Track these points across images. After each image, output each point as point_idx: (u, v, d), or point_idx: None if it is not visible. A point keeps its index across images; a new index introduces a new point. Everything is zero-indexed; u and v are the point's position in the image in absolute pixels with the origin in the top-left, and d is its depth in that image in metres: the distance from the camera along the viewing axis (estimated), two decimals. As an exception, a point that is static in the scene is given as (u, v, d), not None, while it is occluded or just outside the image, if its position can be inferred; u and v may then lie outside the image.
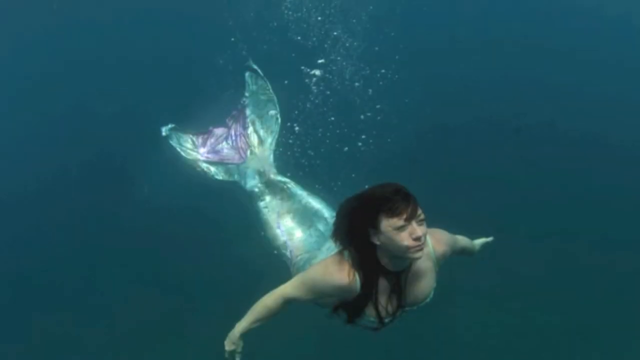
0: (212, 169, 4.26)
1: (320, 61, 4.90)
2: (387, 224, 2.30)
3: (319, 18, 5.19)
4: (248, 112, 4.37)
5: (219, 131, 4.36)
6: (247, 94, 4.43)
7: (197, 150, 4.30)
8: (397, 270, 2.49)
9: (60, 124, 6.40)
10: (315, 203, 3.79)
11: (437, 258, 2.66)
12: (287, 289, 2.68)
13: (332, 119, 4.75)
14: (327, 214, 3.67)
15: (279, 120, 4.32)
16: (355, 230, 2.41)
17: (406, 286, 2.56)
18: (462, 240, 2.99)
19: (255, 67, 4.42)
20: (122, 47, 6.75)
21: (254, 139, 4.27)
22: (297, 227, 3.69)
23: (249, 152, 4.23)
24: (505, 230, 4.09)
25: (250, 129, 4.30)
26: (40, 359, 4.64)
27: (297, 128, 4.55)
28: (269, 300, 2.69)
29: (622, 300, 4.58)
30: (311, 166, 4.48)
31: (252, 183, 4.02)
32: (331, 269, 2.51)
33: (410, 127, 5.19)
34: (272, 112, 4.33)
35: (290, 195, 3.87)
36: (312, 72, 4.82)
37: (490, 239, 3.23)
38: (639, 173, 5.42)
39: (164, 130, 4.32)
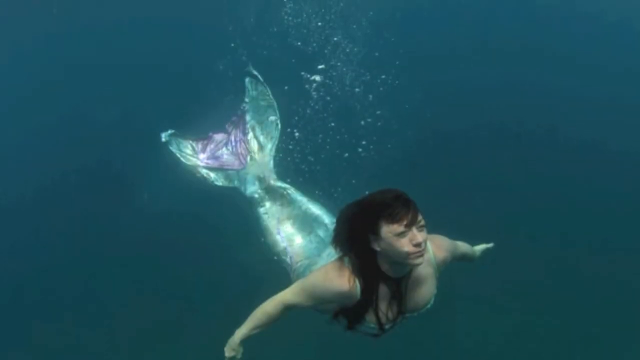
0: (212, 174, 4.26)
1: (320, 67, 4.90)
2: (388, 230, 2.30)
3: (319, 23, 5.20)
4: (248, 117, 4.37)
5: (219, 137, 4.36)
6: (247, 100, 4.43)
7: (196, 156, 4.30)
8: (397, 277, 2.49)
9: (60, 129, 6.38)
10: (316, 209, 3.78)
11: (438, 264, 2.66)
12: (287, 295, 2.67)
13: (332, 124, 4.74)
14: (327, 220, 3.66)
15: (279, 126, 4.32)
16: (356, 236, 2.41)
17: (406, 292, 2.56)
18: (463, 246, 3.00)
19: (255, 72, 4.42)
20: (122, 52, 6.74)
21: (254, 145, 4.26)
22: (297, 233, 3.68)
23: (249, 158, 4.23)
24: (506, 236, 4.09)
25: (250, 135, 4.30)
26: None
27: (297, 134, 4.55)
28: (269, 306, 2.69)
29: (623, 306, 4.57)
30: (311, 172, 4.46)
31: (252, 189, 4.01)
32: (331, 275, 2.50)
33: (411, 132, 5.18)
34: (272, 117, 4.33)
35: (290, 201, 3.86)
36: (312, 77, 4.82)
37: (490, 245, 3.24)
38: (639, 178, 5.40)
39: (164, 136, 4.32)
